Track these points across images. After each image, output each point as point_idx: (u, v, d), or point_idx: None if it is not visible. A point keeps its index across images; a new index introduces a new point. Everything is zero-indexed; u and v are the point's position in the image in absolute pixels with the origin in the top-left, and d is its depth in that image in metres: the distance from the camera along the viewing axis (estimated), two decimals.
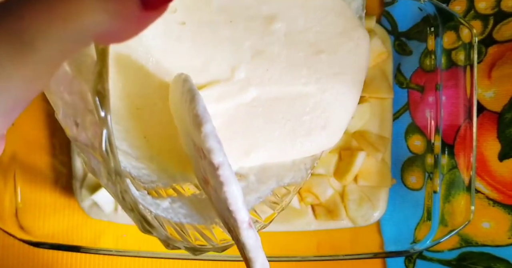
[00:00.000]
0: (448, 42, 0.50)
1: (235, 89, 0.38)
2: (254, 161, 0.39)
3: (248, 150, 0.38)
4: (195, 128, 0.29)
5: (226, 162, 0.29)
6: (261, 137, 0.39)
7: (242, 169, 0.38)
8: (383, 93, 0.54)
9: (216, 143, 0.28)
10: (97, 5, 0.16)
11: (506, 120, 0.51)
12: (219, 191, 0.29)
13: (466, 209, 0.47)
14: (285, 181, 0.39)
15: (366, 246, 0.55)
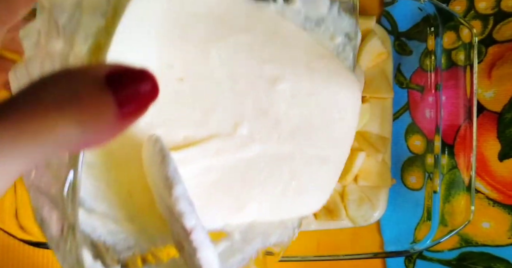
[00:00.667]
0: (448, 42, 0.50)
1: (236, 144, 0.37)
2: (246, 217, 0.38)
3: (241, 205, 0.38)
4: (165, 190, 0.28)
5: (199, 225, 0.28)
6: (257, 193, 0.38)
7: (228, 226, 0.37)
8: (383, 93, 0.54)
9: (187, 206, 0.28)
10: (70, 117, 0.15)
11: (506, 120, 0.51)
12: (193, 257, 0.27)
13: (466, 209, 0.47)
14: (271, 240, 0.38)
15: (366, 246, 0.55)
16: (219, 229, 0.37)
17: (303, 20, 0.38)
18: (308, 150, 0.40)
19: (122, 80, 0.17)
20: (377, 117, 0.54)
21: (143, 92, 0.18)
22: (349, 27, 0.41)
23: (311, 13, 0.39)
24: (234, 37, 0.37)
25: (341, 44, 0.40)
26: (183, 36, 0.35)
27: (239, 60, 0.37)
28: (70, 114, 0.16)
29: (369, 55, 0.53)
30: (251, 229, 0.38)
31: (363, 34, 0.53)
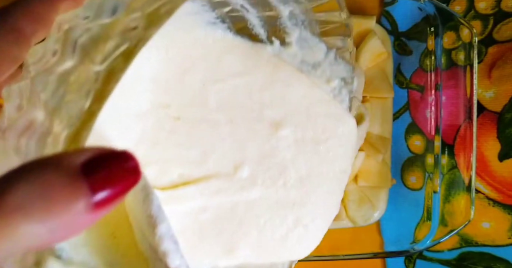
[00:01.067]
0: (448, 42, 0.50)
1: (236, 186, 0.37)
2: (235, 260, 0.37)
3: (232, 248, 0.37)
4: (149, 228, 0.28)
5: (184, 265, 0.27)
6: (253, 237, 0.37)
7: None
8: (384, 92, 0.54)
9: (171, 245, 0.27)
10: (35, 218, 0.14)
11: (506, 120, 0.51)
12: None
13: (466, 209, 0.47)
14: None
15: (366, 246, 0.55)
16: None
17: (299, 63, 0.39)
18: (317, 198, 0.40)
19: (99, 164, 0.16)
20: (377, 117, 0.54)
21: (122, 176, 0.17)
22: (345, 72, 0.41)
23: (308, 57, 0.39)
24: (232, 79, 0.37)
25: (337, 88, 0.41)
26: (180, 78, 0.36)
27: (238, 104, 0.38)
28: (36, 214, 0.14)
29: (369, 55, 0.53)
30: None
31: (363, 34, 0.53)
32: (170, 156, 0.36)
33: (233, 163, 0.37)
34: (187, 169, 0.36)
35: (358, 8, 0.53)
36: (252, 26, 0.37)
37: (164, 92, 0.35)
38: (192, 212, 0.36)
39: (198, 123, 0.37)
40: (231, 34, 0.37)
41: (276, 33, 0.38)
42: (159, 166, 0.36)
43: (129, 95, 0.33)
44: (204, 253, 0.37)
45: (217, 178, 0.37)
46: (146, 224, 0.28)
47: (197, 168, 0.36)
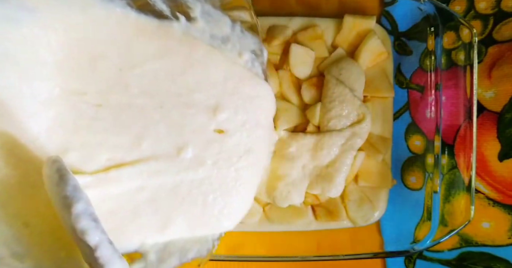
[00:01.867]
0: (448, 42, 0.50)
1: (180, 167, 0.39)
2: (166, 236, 0.38)
3: (167, 224, 0.38)
4: (65, 210, 0.28)
5: (105, 240, 0.27)
6: (190, 213, 0.39)
7: (144, 246, 0.37)
8: (384, 92, 0.54)
9: (90, 222, 0.27)
10: None
11: (506, 120, 0.51)
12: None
13: (466, 209, 0.47)
14: (188, 256, 0.39)
15: (366, 246, 0.55)
16: (133, 250, 0.37)
17: (209, 38, 0.40)
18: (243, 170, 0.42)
19: None
20: (378, 117, 0.54)
21: None
22: (253, 45, 0.43)
23: (216, 31, 0.40)
24: (149, 64, 0.38)
25: (250, 60, 0.43)
26: (91, 65, 0.36)
27: (163, 89, 0.38)
28: None
29: (369, 54, 0.53)
30: (167, 247, 0.38)
31: (363, 34, 0.53)
32: (96, 142, 0.37)
33: (175, 146, 0.38)
34: (118, 153, 0.37)
35: (358, 8, 0.53)
36: (153, 2, 0.37)
37: (76, 78, 0.36)
38: (129, 192, 0.37)
39: (123, 109, 0.37)
40: (134, 13, 0.36)
41: (179, 9, 0.38)
42: (84, 151, 0.36)
43: (32, 80, 0.33)
44: (136, 230, 0.37)
45: (157, 160, 0.38)
46: (62, 205, 0.28)
47: (130, 152, 0.37)
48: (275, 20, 0.54)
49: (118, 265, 0.27)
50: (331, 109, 0.51)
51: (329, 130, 0.51)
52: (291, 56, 0.52)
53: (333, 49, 0.54)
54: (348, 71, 0.51)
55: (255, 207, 0.53)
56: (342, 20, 0.53)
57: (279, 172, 0.51)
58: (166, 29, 0.38)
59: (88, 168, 0.36)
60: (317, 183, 0.51)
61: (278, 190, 0.51)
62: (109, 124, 0.37)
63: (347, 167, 0.51)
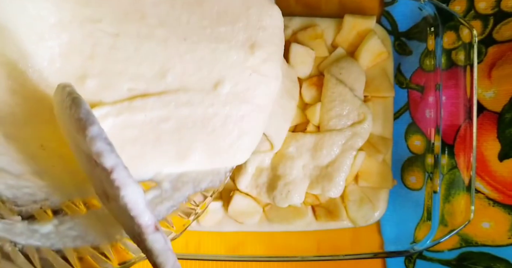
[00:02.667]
0: (448, 42, 0.50)
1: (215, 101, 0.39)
2: (182, 167, 0.38)
3: (186, 154, 0.38)
4: (79, 133, 0.27)
5: (120, 163, 0.27)
6: (210, 144, 0.39)
7: (158, 175, 0.37)
8: (384, 92, 0.54)
9: (105, 145, 0.27)
10: None
11: (506, 120, 0.51)
12: (117, 198, 0.26)
13: (466, 209, 0.47)
14: (202, 186, 0.39)
15: (366, 246, 0.55)
16: (148, 179, 0.37)
17: None
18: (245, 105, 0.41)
19: None
20: (378, 117, 0.54)
21: None
22: None
23: None
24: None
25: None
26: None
27: (183, 20, 0.38)
28: None
29: (369, 54, 0.53)
30: (181, 177, 0.38)
31: (363, 34, 0.53)
32: (116, 71, 0.36)
33: (210, 80, 0.38)
34: (140, 83, 0.37)
35: (358, 8, 0.53)
36: None
37: (87, 4, 0.35)
38: (153, 121, 0.37)
39: (145, 40, 0.37)
40: None
41: None
42: (103, 79, 0.36)
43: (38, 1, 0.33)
44: (155, 158, 0.37)
45: (186, 92, 0.38)
46: (76, 129, 0.28)
47: (155, 83, 0.37)
48: None
49: (134, 187, 0.27)
50: (331, 108, 0.51)
51: (329, 129, 0.51)
52: (291, 56, 0.52)
53: (333, 49, 0.54)
54: (348, 70, 0.51)
55: (255, 207, 0.53)
56: (342, 20, 0.53)
57: (279, 172, 0.51)
58: None
59: (108, 98, 0.36)
60: (317, 183, 0.51)
61: (278, 190, 0.51)
62: (130, 53, 0.37)
63: (347, 167, 0.51)
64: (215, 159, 0.39)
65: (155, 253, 0.27)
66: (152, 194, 0.36)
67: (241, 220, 0.53)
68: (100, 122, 0.34)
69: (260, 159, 0.52)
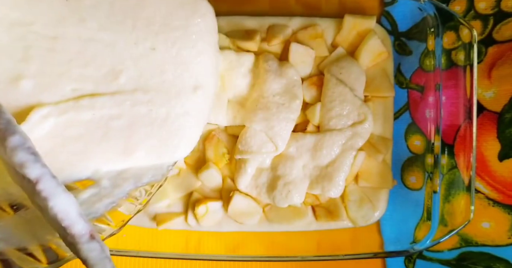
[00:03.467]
0: (448, 42, 0.50)
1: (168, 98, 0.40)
2: (125, 163, 0.38)
3: (132, 150, 0.38)
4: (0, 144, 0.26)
5: (46, 173, 0.26)
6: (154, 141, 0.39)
7: (96, 173, 0.37)
8: (385, 91, 0.54)
9: (28, 155, 0.26)
10: None
11: (506, 120, 0.51)
12: (46, 208, 0.26)
13: (466, 209, 0.47)
14: (143, 180, 0.39)
15: (366, 246, 0.55)
16: (86, 177, 0.37)
17: None
18: None
19: None
20: (379, 117, 0.54)
21: None
22: None
23: None
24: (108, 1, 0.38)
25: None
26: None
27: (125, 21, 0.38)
28: None
29: (369, 54, 0.53)
30: (122, 174, 0.38)
31: (363, 34, 0.53)
32: (57, 72, 0.36)
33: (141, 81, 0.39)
34: (87, 84, 0.37)
35: (358, 8, 0.53)
36: None
37: (15, 6, 0.35)
38: (102, 119, 0.37)
39: (88, 43, 0.37)
40: None
41: None
42: (41, 80, 0.35)
43: None
44: (99, 155, 0.37)
45: (146, 93, 0.39)
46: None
47: (105, 84, 0.38)
48: (275, 20, 0.54)
49: (63, 197, 0.26)
50: (332, 108, 0.51)
51: (329, 129, 0.51)
52: (291, 55, 0.52)
53: (333, 48, 0.54)
54: (349, 70, 0.51)
55: (255, 207, 0.53)
56: (342, 20, 0.53)
57: (279, 172, 0.51)
58: None
59: (48, 98, 0.36)
60: (317, 183, 0.51)
61: (278, 190, 0.51)
62: (72, 56, 0.37)
63: (347, 167, 0.51)
64: (160, 155, 0.40)
65: (91, 262, 0.27)
66: (89, 193, 0.36)
67: (241, 220, 0.53)
68: (41, 123, 0.33)
69: (261, 160, 0.52)
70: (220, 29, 0.54)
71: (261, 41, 0.54)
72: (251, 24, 0.54)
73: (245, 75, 0.52)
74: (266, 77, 0.51)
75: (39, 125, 0.34)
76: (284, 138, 0.50)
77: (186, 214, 0.54)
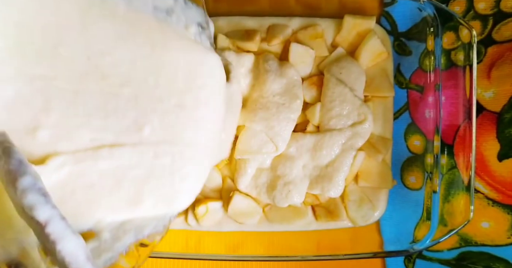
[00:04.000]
0: (448, 42, 0.50)
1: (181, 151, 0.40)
2: (143, 212, 0.37)
3: (139, 200, 0.37)
4: (9, 185, 0.26)
5: (56, 215, 0.25)
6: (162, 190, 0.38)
7: (98, 224, 0.36)
8: (385, 91, 0.54)
9: (38, 197, 0.25)
10: None
11: (506, 120, 0.51)
12: (54, 252, 0.25)
13: (466, 209, 0.47)
14: (144, 232, 0.38)
15: (366, 246, 0.55)
16: (87, 229, 0.35)
17: (153, 10, 0.39)
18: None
19: None
20: (378, 117, 0.54)
21: None
22: (199, 17, 0.42)
23: (158, 2, 0.39)
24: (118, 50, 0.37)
25: (197, 34, 0.42)
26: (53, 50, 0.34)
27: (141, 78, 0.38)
28: None
29: (369, 54, 0.53)
30: (123, 225, 0.37)
31: (363, 34, 0.53)
32: (75, 123, 0.35)
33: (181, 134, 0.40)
34: (107, 135, 0.36)
35: (358, 8, 0.53)
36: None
37: (37, 63, 0.34)
38: (118, 168, 0.36)
39: (109, 97, 0.37)
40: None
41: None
42: (57, 131, 0.35)
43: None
44: (106, 204, 0.36)
45: (166, 144, 0.39)
46: (7, 181, 0.26)
47: (127, 135, 0.37)
48: (275, 20, 0.55)
49: (73, 241, 0.25)
50: (332, 108, 0.51)
51: (329, 129, 0.51)
52: (291, 55, 0.52)
53: (333, 49, 0.54)
54: (349, 70, 0.52)
55: (255, 207, 0.53)
56: (342, 20, 0.53)
57: (279, 172, 0.51)
58: (110, 5, 0.36)
59: (65, 147, 0.35)
60: (317, 183, 0.51)
61: (278, 190, 0.51)
62: (92, 109, 0.36)
63: (347, 167, 0.51)
64: (164, 205, 0.39)
65: None
66: (90, 246, 0.34)
67: (241, 220, 0.53)
68: (55, 171, 0.32)
69: (261, 160, 0.52)
70: (220, 29, 0.54)
71: (261, 41, 0.54)
72: (251, 24, 0.55)
73: (245, 75, 0.53)
74: (266, 77, 0.51)
75: (53, 174, 0.34)
76: (284, 138, 0.50)
77: (186, 214, 0.54)
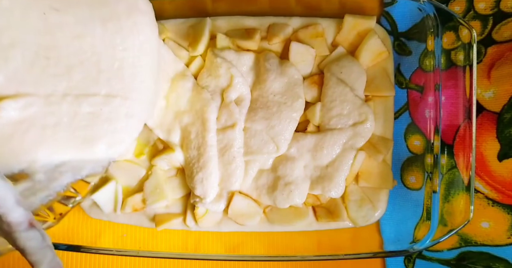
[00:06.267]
0: (448, 42, 0.50)
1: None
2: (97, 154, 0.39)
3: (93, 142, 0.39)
4: None
5: None
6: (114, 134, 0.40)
7: (30, 168, 0.36)
8: (385, 91, 0.54)
9: None
10: None
11: (506, 120, 0.51)
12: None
13: (466, 209, 0.47)
14: (83, 173, 0.39)
15: (366, 246, 0.55)
16: (18, 171, 0.36)
17: None
18: None
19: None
20: (379, 117, 0.54)
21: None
22: None
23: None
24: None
25: None
26: None
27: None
28: None
29: (369, 54, 0.53)
30: (59, 167, 0.38)
31: (363, 34, 0.53)
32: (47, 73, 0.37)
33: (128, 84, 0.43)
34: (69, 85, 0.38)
35: (358, 8, 0.53)
36: None
37: None
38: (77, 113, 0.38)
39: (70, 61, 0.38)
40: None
41: None
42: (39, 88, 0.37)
43: None
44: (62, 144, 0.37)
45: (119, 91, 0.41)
46: None
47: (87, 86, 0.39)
48: (275, 19, 0.54)
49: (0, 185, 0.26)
50: (332, 108, 0.51)
51: (330, 129, 0.51)
52: (292, 54, 0.52)
53: (334, 48, 0.54)
54: (349, 69, 0.51)
55: (255, 208, 0.53)
56: (342, 20, 0.53)
57: (279, 172, 0.51)
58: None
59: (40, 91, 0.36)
60: (317, 183, 0.51)
61: (279, 191, 0.51)
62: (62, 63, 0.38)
63: (347, 167, 0.51)
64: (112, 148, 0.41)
65: (29, 251, 0.26)
66: (22, 187, 0.35)
67: (242, 221, 0.53)
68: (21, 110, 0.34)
69: (263, 161, 0.52)
70: (220, 29, 0.54)
71: (261, 40, 0.54)
72: (251, 23, 0.54)
73: (246, 74, 0.53)
74: (266, 76, 0.51)
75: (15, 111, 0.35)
76: (286, 138, 0.50)
77: (185, 215, 0.54)
